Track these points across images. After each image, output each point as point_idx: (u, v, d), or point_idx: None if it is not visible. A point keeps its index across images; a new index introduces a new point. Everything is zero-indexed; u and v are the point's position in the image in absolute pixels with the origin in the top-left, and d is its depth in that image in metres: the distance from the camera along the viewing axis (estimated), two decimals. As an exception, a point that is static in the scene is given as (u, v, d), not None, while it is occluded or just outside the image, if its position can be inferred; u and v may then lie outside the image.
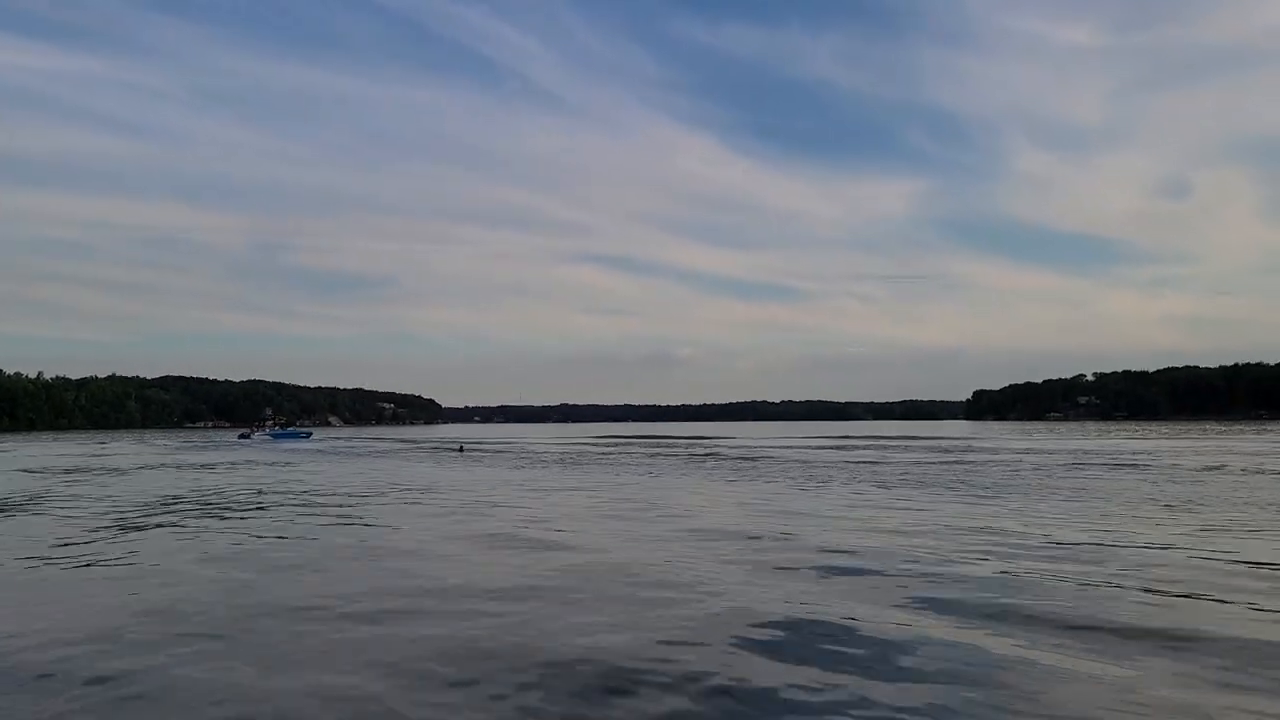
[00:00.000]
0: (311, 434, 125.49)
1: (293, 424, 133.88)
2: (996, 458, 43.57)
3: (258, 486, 28.67)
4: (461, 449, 61.26)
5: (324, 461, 47.17)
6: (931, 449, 55.91)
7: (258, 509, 21.22)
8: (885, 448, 59.15)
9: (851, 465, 38.52)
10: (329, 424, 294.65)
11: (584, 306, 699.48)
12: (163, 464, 45.11)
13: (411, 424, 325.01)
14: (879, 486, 26.84)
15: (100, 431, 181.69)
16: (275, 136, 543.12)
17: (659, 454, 51.78)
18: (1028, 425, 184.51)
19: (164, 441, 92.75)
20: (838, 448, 60.46)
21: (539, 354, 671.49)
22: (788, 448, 60.79)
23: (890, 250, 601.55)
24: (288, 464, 44.41)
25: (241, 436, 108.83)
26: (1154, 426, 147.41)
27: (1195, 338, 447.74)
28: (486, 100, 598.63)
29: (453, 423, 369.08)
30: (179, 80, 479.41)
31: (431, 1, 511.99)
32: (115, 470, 39.01)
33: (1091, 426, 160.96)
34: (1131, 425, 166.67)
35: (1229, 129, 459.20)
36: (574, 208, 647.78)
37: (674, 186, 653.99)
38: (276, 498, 24.40)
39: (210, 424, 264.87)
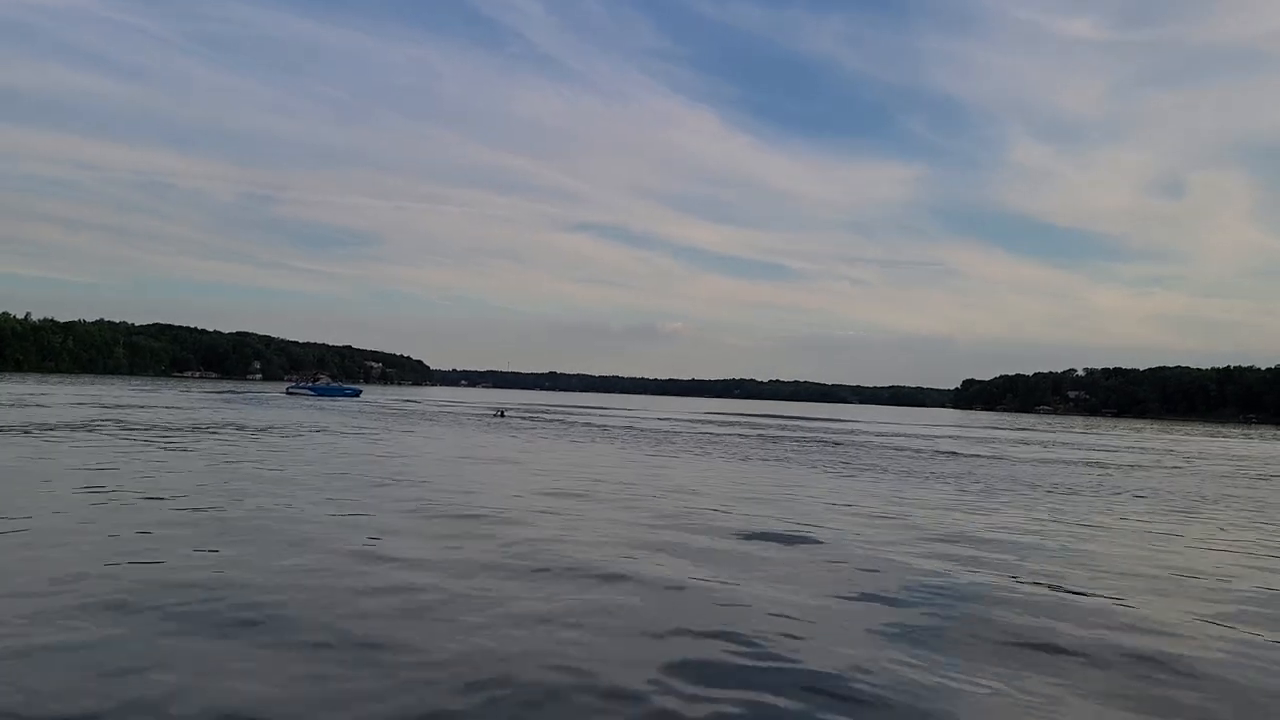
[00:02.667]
0: (360, 392, 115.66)
1: (325, 379, 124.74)
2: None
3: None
4: (502, 414, 62.40)
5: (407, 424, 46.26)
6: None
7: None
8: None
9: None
10: (317, 380, 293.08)
11: (575, 275, 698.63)
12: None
13: (399, 384, 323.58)
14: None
15: (88, 375, 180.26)
16: (270, 87, 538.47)
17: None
18: (1015, 417, 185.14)
19: (185, 393, 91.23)
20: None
21: (528, 320, 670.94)
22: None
23: (884, 235, 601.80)
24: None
25: (289, 391, 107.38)
26: (1135, 424, 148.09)
27: (1183, 337, 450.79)
28: (487, 62, 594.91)
29: (440, 385, 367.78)
30: (176, 25, 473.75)
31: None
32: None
33: (1078, 421, 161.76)
34: (1117, 422, 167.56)
35: (1226, 130, 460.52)
36: (570, 175, 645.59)
37: (671, 159, 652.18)
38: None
39: (198, 374, 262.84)
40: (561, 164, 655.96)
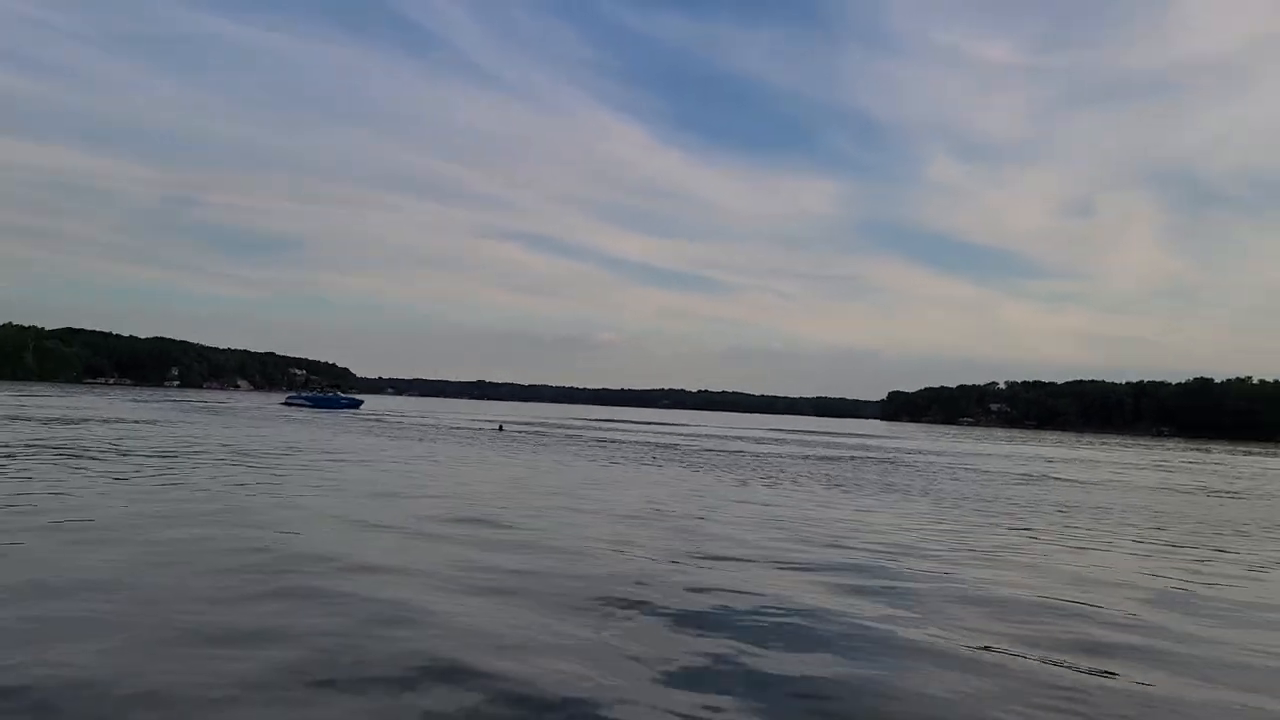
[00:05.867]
0: (362, 403, 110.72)
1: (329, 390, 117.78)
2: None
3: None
4: (501, 428, 59.39)
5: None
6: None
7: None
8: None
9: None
10: (237, 387, 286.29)
11: (504, 283, 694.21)
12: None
13: (324, 392, 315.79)
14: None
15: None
16: (191, 86, 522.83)
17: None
18: (939, 428, 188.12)
19: (142, 402, 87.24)
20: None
21: (456, 328, 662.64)
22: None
23: (810, 248, 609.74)
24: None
25: (287, 402, 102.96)
26: (1042, 435, 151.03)
27: (1093, 353, 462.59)
28: (414, 67, 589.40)
29: (366, 394, 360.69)
30: (92, 20, 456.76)
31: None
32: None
33: (1000, 433, 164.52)
34: (1027, 433, 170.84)
35: (1134, 155, 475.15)
36: (497, 183, 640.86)
37: (600, 170, 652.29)
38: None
39: (112, 380, 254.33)
40: (490, 172, 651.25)
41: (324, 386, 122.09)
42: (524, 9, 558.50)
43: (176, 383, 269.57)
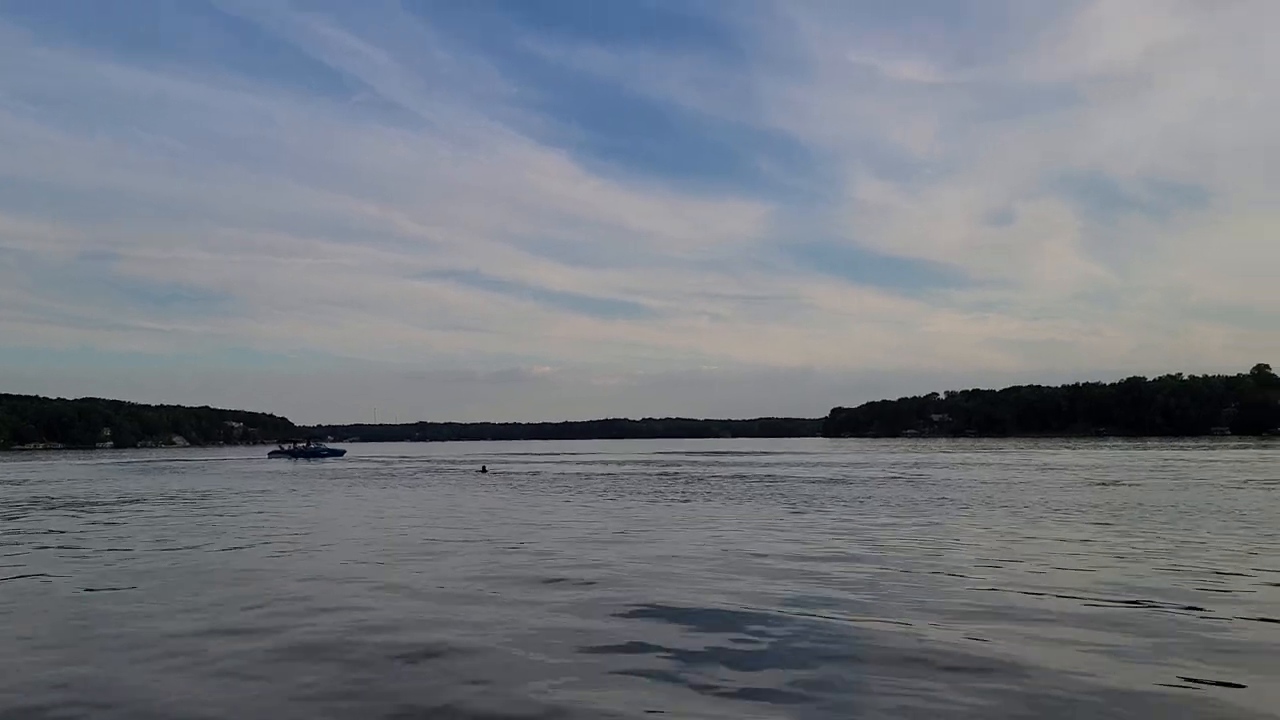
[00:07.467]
0: (345, 451, 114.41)
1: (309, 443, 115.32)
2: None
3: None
4: (484, 469, 59.39)
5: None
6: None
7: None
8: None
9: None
10: (173, 444, 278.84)
11: (434, 322, 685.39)
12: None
13: (264, 443, 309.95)
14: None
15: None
16: (105, 142, 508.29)
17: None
18: (884, 442, 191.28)
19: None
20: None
21: (390, 370, 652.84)
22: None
23: (739, 271, 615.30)
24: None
25: (272, 454, 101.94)
26: (1000, 443, 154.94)
27: (1017, 358, 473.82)
28: (332, 111, 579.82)
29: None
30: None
31: (272, 7, 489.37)
32: None
33: (951, 442, 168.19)
34: (976, 441, 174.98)
35: (1048, 164, 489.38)
36: (423, 222, 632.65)
37: (525, 203, 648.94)
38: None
39: (42, 445, 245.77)
40: (413, 211, 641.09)
41: (298, 442, 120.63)
42: (445, 49, 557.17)
43: (110, 444, 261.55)
